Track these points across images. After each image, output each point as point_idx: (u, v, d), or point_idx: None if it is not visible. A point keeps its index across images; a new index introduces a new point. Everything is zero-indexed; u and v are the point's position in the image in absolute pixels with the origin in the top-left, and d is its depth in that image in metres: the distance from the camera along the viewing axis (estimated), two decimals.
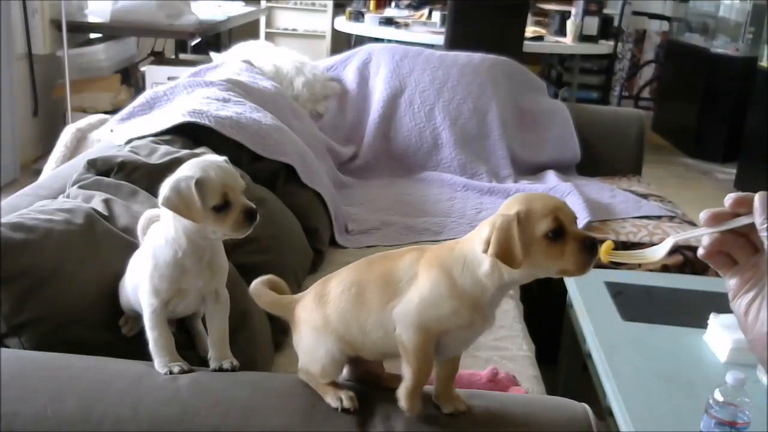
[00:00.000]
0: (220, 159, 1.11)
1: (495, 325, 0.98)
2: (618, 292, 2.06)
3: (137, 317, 1.16)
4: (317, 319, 0.99)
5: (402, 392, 0.94)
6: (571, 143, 3.22)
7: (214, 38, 5.95)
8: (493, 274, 0.90)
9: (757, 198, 0.67)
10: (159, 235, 1.09)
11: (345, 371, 1.03)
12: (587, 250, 0.87)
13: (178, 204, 1.03)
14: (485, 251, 0.88)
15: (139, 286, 1.10)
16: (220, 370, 1.09)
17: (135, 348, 1.14)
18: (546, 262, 0.88)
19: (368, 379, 1.05)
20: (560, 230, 0.87)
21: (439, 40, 4.77)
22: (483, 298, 0.92)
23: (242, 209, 1.06)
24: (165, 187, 1.04)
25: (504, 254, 0.87)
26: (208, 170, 1.05)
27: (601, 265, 2.23)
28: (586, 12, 5.31)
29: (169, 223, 1.07)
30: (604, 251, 0.84)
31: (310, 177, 2.24)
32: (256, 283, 1.09)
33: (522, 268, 0.88)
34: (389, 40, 4.83)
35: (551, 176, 3.02)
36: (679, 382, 1.65)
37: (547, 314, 2.18)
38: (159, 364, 1.06)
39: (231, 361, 1.10)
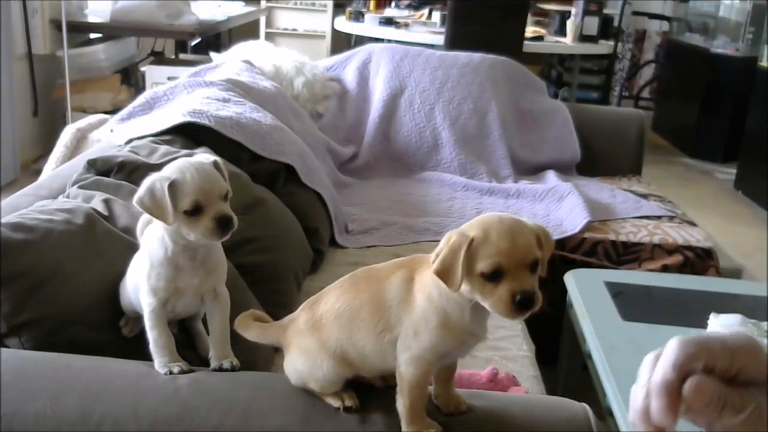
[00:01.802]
0: (208, 160, 1.09)
1: (495, 325, 0.98)
2: (618, 292, 2.06)
3: (137, 318, 1.16)
4: (312, 344, 0.98)
5: (403, 424, 0.94)
6: (571, 143, 3.22)
7: (214, 38, 5.95)
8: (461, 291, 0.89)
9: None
10: (152, 235, 1.10)
11: None
12: (516, 304, 0.85)
13: (150, 205, 1.03)
14: (432, 261, 0.88)
15: (139, 286, 1.10)
16: (220, 369, 1.09)
17: (135, 348, 1.15)
18: (480, 297, 0.87)
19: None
20: (496, 274, 0.85)
21: (439, 40, 4.77)
22: (464, 319, 0.91)
23: (215, 216, 1.04)
24: (141, 187, 1.04)
25: (444, 274, 0.86)
26: (185, 173, 1.04)
27: (601, 265, 2.22)
28: (586, 12, 5.31)
29: (157, 223, 1.08)
30: None
31: (310, 177, 2.24)
32: (241, 317, 1.07)
33: (467, 293, 0.87)
34: (389, 40, 4.82)
35: (551, 176, 3.02)
36: None
37: (547, 314, 2.18)
38: (159, 364, 1.06)
39: (231, 360, 1.10)
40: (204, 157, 1.12)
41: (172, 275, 1.08)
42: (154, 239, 1.08)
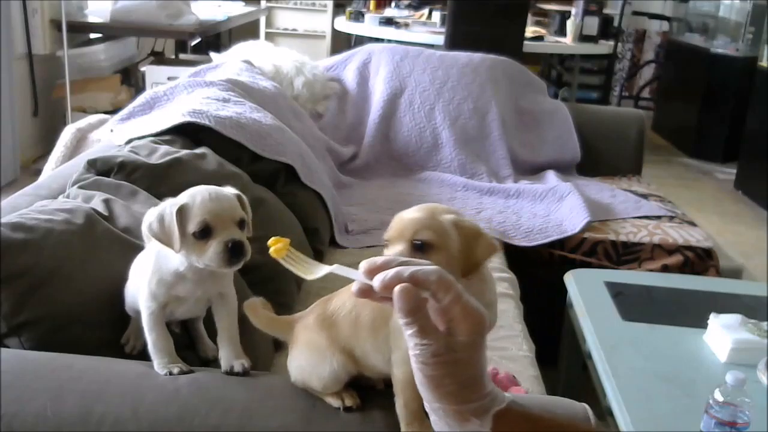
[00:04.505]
0: (230, 192, 1.05)
1: (495, 325, 0.95)
2: (618, 292, 2.06)
3: (139, 335, 1.16)
4: (321, 340, 0.98)
5: (402, 424, 0.94)
6: (571, 143, 3.22)
7: (214, 38, 5.95)
8: None
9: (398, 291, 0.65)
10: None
11: None
12: None
13: (158, 231, 1.01)
14: None
15: (139, 288, 1.10)
16: (231, 371, 1.05)
17: None
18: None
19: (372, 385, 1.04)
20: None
21: (439, 40, 4.77)
22: None
23: (225, 240, 1.00)
24: (152, 214, 1.02)
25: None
26: (196, 196, 1.02)
27: (601, 265, 2.22)
28: (586, 12, 5.31)
29: None
30: (279, 248, 0.80)
31: (310, 177, 2.24)
32: (250, 301, 1.06)
33: None
34: (389, 40, 4.83)
35: (551, 176, 3.03)
36: (679, 382, 1.65)
37: (547, 314, 2.19)
38: (158, 365, 1.05)
39: (243, 361, 1.06)
40: (228, 189, 1.07)
41: (173, 284, 1.06)
42: (168, 250, 1.05)
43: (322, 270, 0.77)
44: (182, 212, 1.01)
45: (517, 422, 0.71)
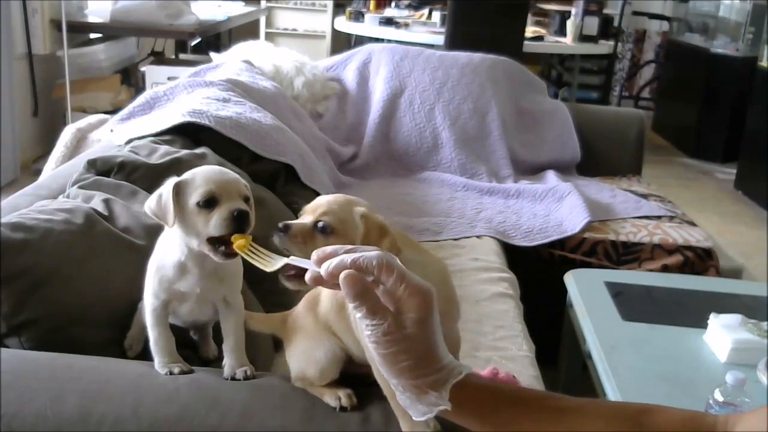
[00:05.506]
0: (231, 173, 1.05)
1: (495, 325, 0.97)
2: (618, 292, 2.06)
3: (141, 338, 1.16)
4: (309, 321, 1.00)
5: (401, 423, 0.94)
6: (571, 143, 3.22)
7: (214, 38, 5.95)
8: None
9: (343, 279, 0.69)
10: (169, 236, 1.07)
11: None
12: None
13: (156, 208, 1.01)
14: None
15: (145, 285, 1.09)
16: (233, 379, 1.05)
17: None
18: None
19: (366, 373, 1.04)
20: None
21: (439, 40, 4.77)
22: None
23: (231, 209, 0.97)
24: (154, 194, 1.03)
25: None
26: (196, 172, 1.02)
27: (601, 265, 2.23)
28: (586, 12, 5.31)
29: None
30: (241, 244, 0.87)
31: (310, 177, 2.25)
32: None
33: None
34: (389, 40, 4.83)
35: (551, 176, 3.03)
36: (679, 382, 1.65)
37: (547, 314, 2.19)
38: (159, 364, 1.06)
39: (245, 370, 1.06)
40: (232, 174, 1.06)
41: (175, 278, 1.06)
42: (169, 240, 1.06)
43: (280, 261, 0.82)
44: (183, 186, 1.00)
45: (475, 393, 0.73)
